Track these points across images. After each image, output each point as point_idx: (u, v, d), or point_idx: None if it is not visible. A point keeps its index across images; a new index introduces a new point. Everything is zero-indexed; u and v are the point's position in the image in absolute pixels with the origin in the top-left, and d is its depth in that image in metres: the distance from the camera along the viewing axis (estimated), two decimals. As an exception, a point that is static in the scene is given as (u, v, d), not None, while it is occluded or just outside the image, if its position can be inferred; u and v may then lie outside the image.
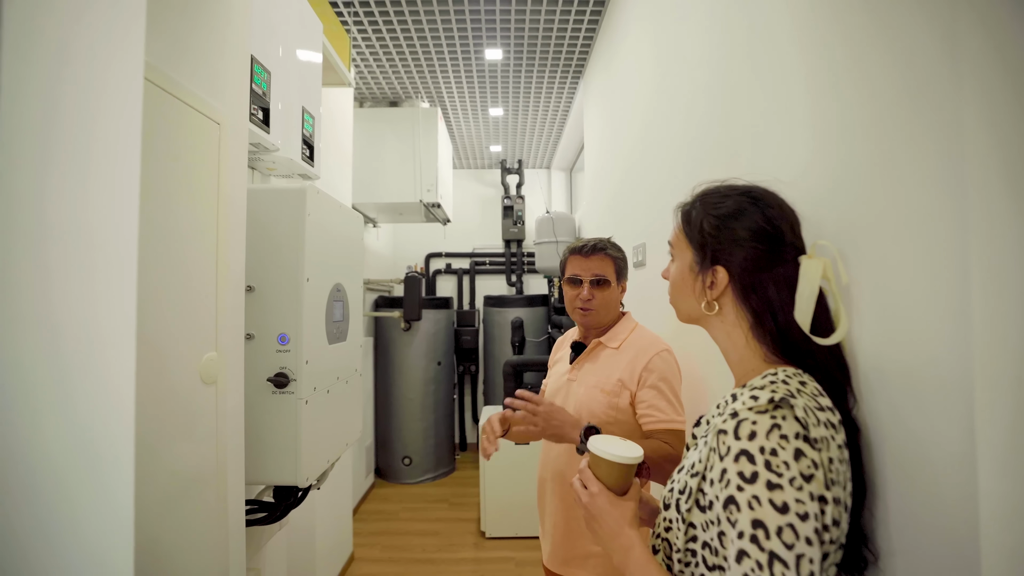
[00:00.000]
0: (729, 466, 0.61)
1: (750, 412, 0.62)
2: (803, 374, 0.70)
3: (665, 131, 1.78)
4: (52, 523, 0.46)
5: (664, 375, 1.35)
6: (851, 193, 0.78)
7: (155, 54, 0.87)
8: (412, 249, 5.04)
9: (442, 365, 4.32)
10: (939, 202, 0.61)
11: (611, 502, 0.78)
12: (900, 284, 0.67)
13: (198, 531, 0.98)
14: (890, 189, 0.69)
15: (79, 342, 0.48)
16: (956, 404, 0.58)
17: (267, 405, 1.27)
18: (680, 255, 0.84)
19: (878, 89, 0.72)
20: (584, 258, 1.44)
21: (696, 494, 0.68)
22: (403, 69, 3.29)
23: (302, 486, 1.29)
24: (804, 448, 0.60)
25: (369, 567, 2.97)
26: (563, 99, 3.75)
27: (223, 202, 1.05)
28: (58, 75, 0.46)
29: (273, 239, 1.28)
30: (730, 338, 0.78)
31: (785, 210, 0.76)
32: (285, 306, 1.28)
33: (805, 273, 0.71)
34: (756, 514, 0.58)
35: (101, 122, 0.49)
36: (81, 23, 0.48)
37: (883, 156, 0.71)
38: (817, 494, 0.58)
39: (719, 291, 0.76)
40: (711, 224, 0.77)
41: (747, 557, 0.57)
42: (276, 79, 1.45)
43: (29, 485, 0.46)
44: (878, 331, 0.72)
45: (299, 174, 1.73)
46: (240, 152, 1.13)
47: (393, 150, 3.55)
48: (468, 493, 3.94)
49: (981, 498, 0.55)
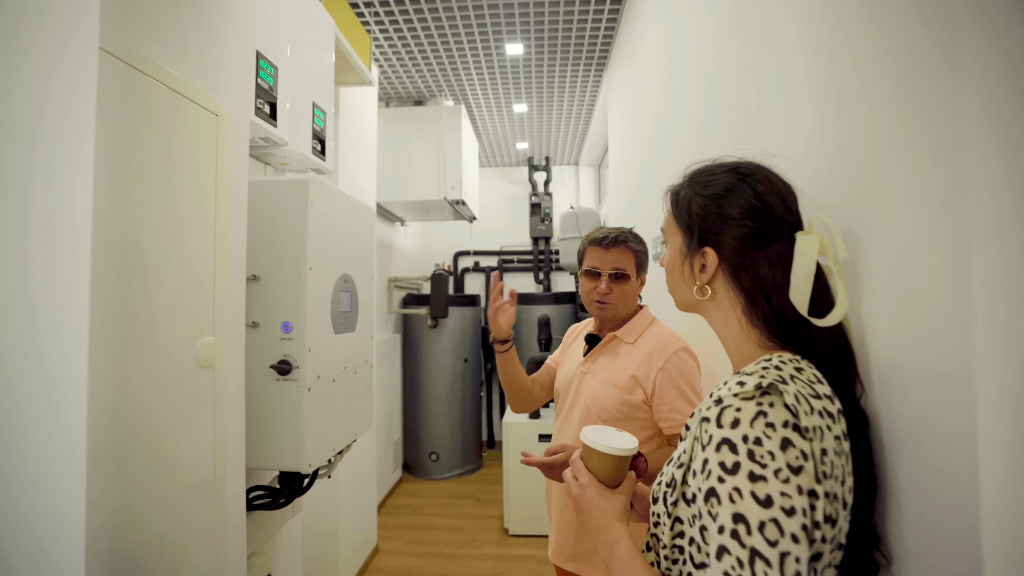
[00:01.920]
0: (711, 456, 0.57)
1: (735, 399, 0.59)
2: (800, 360, 0.66)
3: (678, 120, 1.73)
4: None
5: (683, 374, 1.30)
6: (859, 170, 0.72)
7: (148, 47, 0.90)
8: (440, 248, 5.09)
9: (469, 362, 4.34)
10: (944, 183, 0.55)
11: (601, 494, 0.75)
12: (917, 268, 0.61)
13: (194, 511, 1.01)
14: (902, 164, 0.63)
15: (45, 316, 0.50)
16: (978, 399, 0.52)
17: (271, 391, 1.30)
18: (671, 239, 0.80)
19: (879, 66, 0.67)
20: (604, 250, 1.40)
21: (681, 486, 0.64)
22: (426, 67, 3.32)
23: (304, 472, 1.31)
24: (792, 437, 0.55)
25: (392, 559, 3.01)
26: (587, 94, 3.71)
27: (222, 191, 1.08)
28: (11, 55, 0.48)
29: (277, 229, 1.32)
30: (725, 324, 0.74)
31: (776, 184, 0.72)
32: (288, 295, 1.31)
33: (800, 250, 0.66)
34: (737, 507, 0.54)
35: (56, 99, 0.51)
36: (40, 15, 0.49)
37: (892, 131, 0.65)
38: (806, 488, 0.54)
39: (710, 274, 0.73)
40: (699, 204, 0.74)
41: (727, 554, 0.53)
42: (284, 75, 1.48)
43: None
44: (893, 318, 0.65)
45: (312, 169, 1.77)
46: (241, 143, 1.17)
47: (418, 148, 3.59)
48: (494, 490, 3.94)
49: (1005, 500, 0.50)
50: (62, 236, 0.51)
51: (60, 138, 0.51)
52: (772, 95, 1.02)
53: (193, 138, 1.01)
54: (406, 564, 2.97)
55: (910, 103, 0.61)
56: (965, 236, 0.53)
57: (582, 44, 3.04)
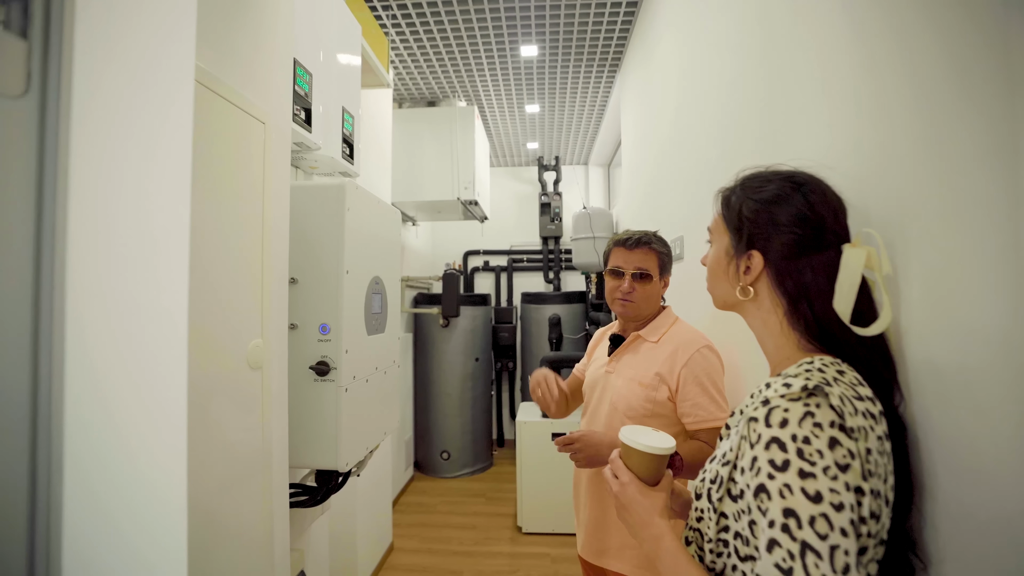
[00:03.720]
0: (760, 454, 0.60)
1: (782, 400, 0.61)
2: (841, 363, 0.68)
3: (699, 123, 1.75)
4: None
5: (707, 371, 1.33)
6: (900, 177, 0.74)
7: (205, 59, 0.93)
8: (451, 247, 5.11)
9: (480, 361, 4.37)
10: (996, 186, 0.57)
11: (641, 492, 0.79)
12: (954, 274, 0.63)
13: (248, 507, 1.03)
14: (943, 173, 0.65)
15: (146, 326, 0.52)
16: (1017, 403, 0.54)
17: (309, 392, 1.33)
18: (717, 240, 0.83)
19: (925, 68, 0.68)
20: (628, 251, 1.44)
21: (727, 483, 0.67)
22: (440, 69, 3.35)
23: (342, 471, 1.34)
24: (839, 437, 0.58)
25: (408, 557, 3.04)
26: (600, 94, 3.73)
27: (268, 197, 1.11)
28: (123, 83, 0.50)
29: (315, 233, 1.34)
30: (765, 325, 0.76)
31: (829, 196, 0.74)
32: (326, 297, 1.34)
33: (847, 262, 0.69)
34: (788, 503, 0.57)
35: (155, 122, 0.53)
36: (137, 38, 0.52)
37: (935, 139, 0.67)
38: (853, 484, 0.57)
39: (754, 276, 0.75)
40: (750, 208, 0.76)
41: (778, 546, 0.56)
42: (317, 80, 1.51)
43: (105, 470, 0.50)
44: (929, 324, 0.68)
45: (340, 172, 1.80)
46: (284, 149, 1.19)
47: (431, 149, 3.61)
48: (505, 488, 3.97)
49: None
50: (169, 248, 0.53)
51: (167, 164, 0.53)
52: (798, 99, 1.04)
53: (245, 146, 1.04)
54: (421, 562, 3.00)
55: (956, 110, 0.63)
56: (1017, 241, 0.54)
57: (596, 45, 3.06)
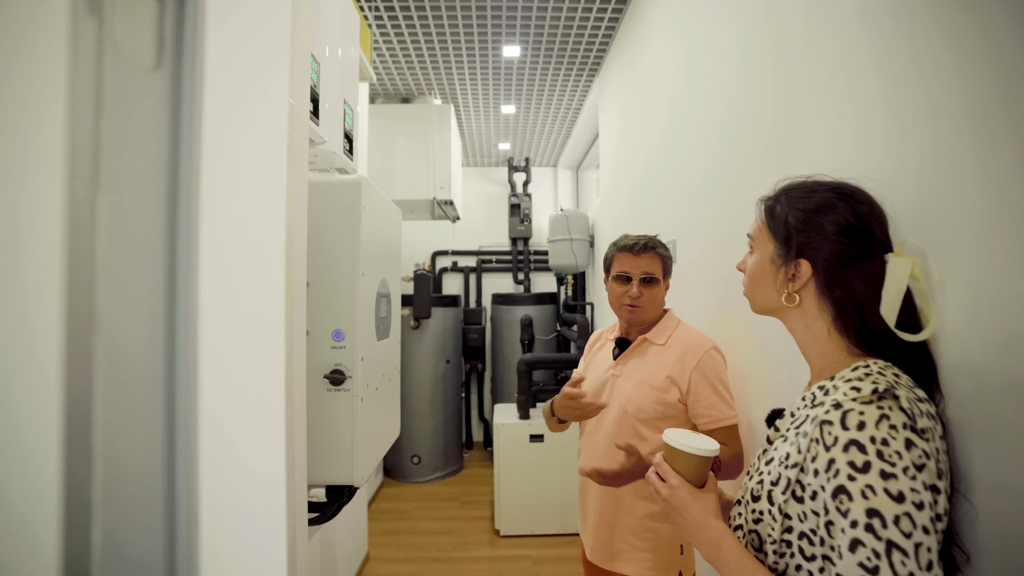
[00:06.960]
0: (838, 456, 0.61)
1: (855, 403, 0.63)
2: (892, 366, 0.70)
3: (699, 129, 1.78)
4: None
5: (716, 372, 1.38)
6: (931, 187, 0.77)
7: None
8: (418, 247, 5.01)
9: (451, 363, 4.30)
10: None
11: (693, 495, 0.79)
12: (991, 282, 0.67)
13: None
14: (977, 183, 0.69)
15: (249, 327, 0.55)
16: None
17: (323, 403, 1.25)
18: (761, 248, 0.84)
19: (962, 77, 0.71)
20: (635, 256, 1.45)
21: (794, 485, 0.68)
22: (419, 66, 3.27)
23: (358, 485, 1.27)
24: (913, 438, 0.60)
25: (386, 567, 2.95)
26: (576, 97, 3.75)
27: (291, 191, 1.03)
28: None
29: (329, 233, 1.26)
30: (810, 330, 0.78)
31: (875, 208, 0.76)
32: (341, 302, 1.26)
33: (893, 271, 0.71)
34: (871, 503, 0.58)
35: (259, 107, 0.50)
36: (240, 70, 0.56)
37: (969, 150, 0.70)
38: (929, 483, 0.59)
39: (801, 284, 0.77)
40: (797, 218, 0.78)
41: (862, 546, 0.57)
42: (324, 72, 1.42)
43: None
44: (966, 329, 0.71)
45: (336, 168, 1.71)
46: (303, 141, 1.11)
47: (405, 147, 3.52)
48: (478, 491, 3.92)
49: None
50: (271, 246, 0.59)
51: (266, 158, 0.61)
52: (811, 111, 1.07)
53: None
54: (400, 571, 2.91)
55: (997, 123, 0.66)
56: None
57: (578, 48, 3.07)
